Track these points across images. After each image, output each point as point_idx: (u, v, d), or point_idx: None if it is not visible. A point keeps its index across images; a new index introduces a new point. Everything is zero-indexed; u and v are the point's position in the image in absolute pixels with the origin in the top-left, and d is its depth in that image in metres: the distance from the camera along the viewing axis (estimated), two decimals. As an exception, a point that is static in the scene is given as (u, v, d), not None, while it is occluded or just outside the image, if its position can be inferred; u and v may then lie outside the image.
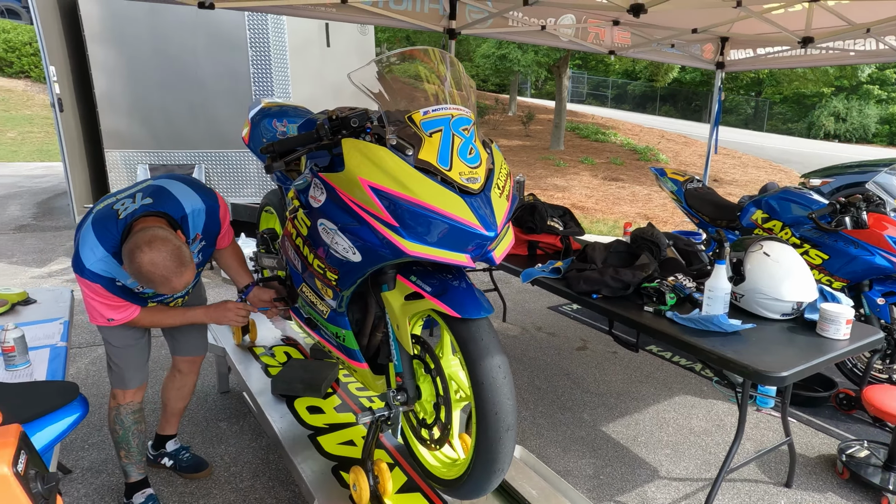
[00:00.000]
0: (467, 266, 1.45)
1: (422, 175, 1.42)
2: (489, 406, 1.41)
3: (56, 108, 4.74)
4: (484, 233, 1.40)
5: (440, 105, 1.50)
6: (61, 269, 5.06)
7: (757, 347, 2.01)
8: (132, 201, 1.82)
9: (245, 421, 2.85)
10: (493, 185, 1.51)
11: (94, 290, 1.80)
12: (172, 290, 1.70)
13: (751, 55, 4.91)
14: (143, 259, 1.62)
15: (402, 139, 1.46)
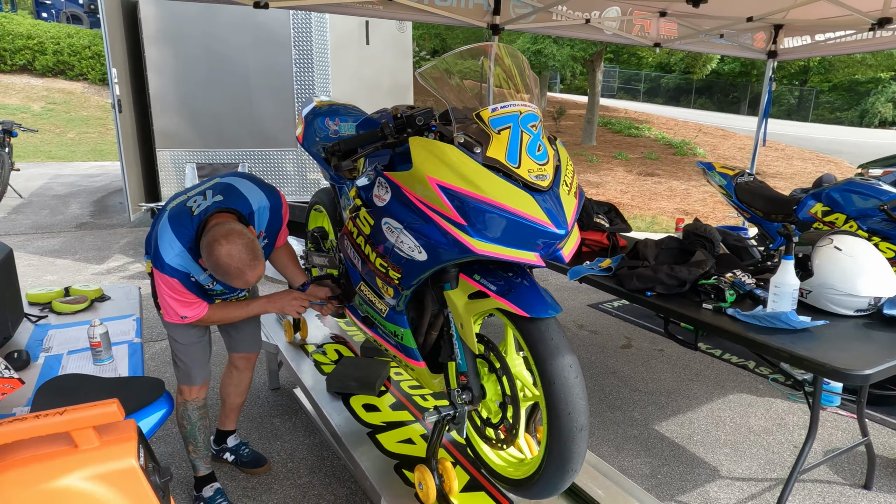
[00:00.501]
0: (537, 265, 1.44)
1: (491, 173, 1.41)
2: (562, 406, 1.40)
3: (116, 109, 4.90)
4: (555, 231, 1.39)
5: (508, 101, 1.48)
6: (118, 266, 5.25)
7: (831, 345, 1.93)
8: (203, 198, 1.88)
9: (297, 417, 2.90)
10: (561, 182, 1.49)
11: (171, 285, 1.86)
12: (245, 282, 1.75)
13: (808, 42, 4.70)
14: (220, 251, 1.68)
15: (470, 137, 1.46)
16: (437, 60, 1.54)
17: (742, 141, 14.60)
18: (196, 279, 1.90)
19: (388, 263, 1.66)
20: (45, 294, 2.32)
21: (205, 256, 1.73)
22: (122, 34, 5.14)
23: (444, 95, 1.52)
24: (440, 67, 1.53)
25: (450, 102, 1.51)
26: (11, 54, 13.79)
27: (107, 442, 0.87)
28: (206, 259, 1.73)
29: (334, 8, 3.40)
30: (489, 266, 1.59)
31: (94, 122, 13.18)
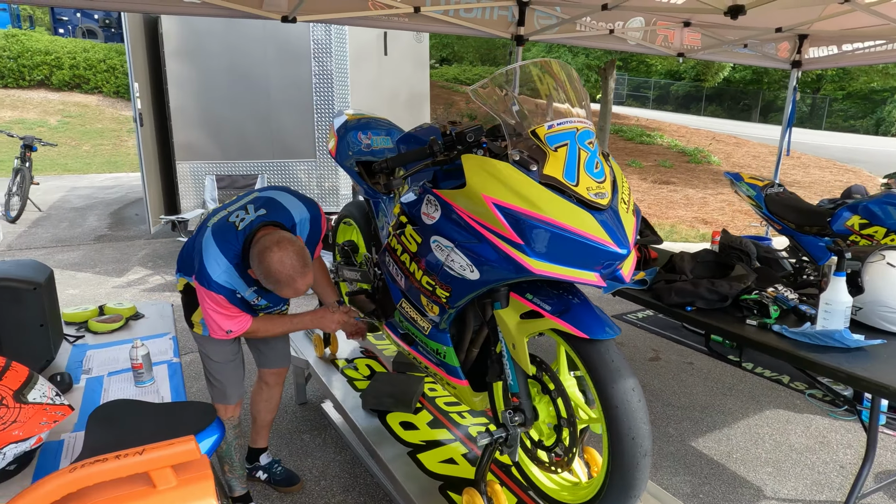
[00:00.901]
0: (597, 285, 1.40)
1: (549, 191, 1.38)
2: (625, 430, 1.36)
3: (137, 122, 4.94)
4: (617, 250, 1.35)
5: (564, 118, 1.45)
6: (137, 279, 5.26)
7: (889, 364, 1.87)
8: (246, 213, 1.89)
9: (326, 433, 2.86)
10: (619, 199, 1.46)
11: (217, 301, 1.84)
12: (296, 291, 1.76)
13: (834, 52, 4.65)
14: (272, 258, 1.70)
15: (525, 154, 1.43)
16: (489, 77, 1.51)
17: (756, 149, 14.49)
18: (242, 295, 1.89)
19: (435, 282, 1.63)
20: (81, 313, 2.31)
21: (255, 266, 1.75)
22: (143, 49, 5.19)
23: (496, 112, 1.50)
24: (493, 83, 1.51)
25: (502, 119, 1.49)
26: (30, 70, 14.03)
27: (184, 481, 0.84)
28: (257, 268, 1.74)
29: (362, 21, 3.40)
30: (539, 284, 1.55)
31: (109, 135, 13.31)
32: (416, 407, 2.34)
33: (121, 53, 14.88)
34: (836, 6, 3.35)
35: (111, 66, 14.69)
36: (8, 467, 1.28)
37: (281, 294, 1.79)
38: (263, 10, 3.06)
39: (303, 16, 3.17)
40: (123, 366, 1.94)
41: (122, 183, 10.20)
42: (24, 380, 1.35)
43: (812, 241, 3.38)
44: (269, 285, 1.76)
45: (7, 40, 13.90)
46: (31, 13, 18.45)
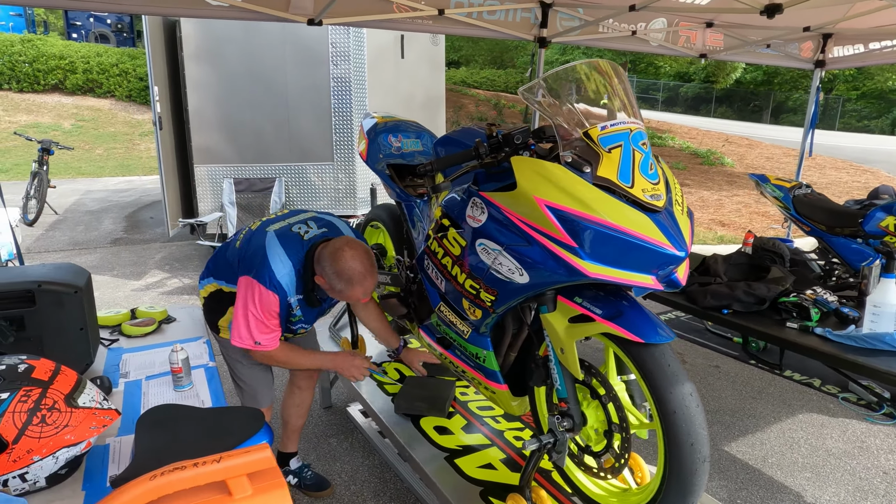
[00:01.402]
0: (654, 288, 1.38)
1: (604, 193, 1.35)
2: (684, 436, 1.33)
3: (157, 126, 4.96)
4: (675, 253, 1.33)
5: (617, 119, 1.43)
6: (155, 282, 5.27)
7: None
8: (308, 227, 1.96)
9: (353, 437, 2.85)
10: (673, 201, 1.43)
11: (267, 302, 1.83)
12: (365, 290, 1.84)
13: (861, 51, 4.58)
14: (346, 255, 1.79)
15: (577, 155, 1.41)
16: (539, 78, 1.49)
17: (769, 150, 14.38)
18: (289, 300, 1.90)
19: (480, 285, 1.61)
20: (114, 317, 2.30)
21: (326, 266, 1.81)
22: (163, 53, 5.21)
23: (546, 113, 1.48)
24: (542, 85, 1.49)
25: (553, 120, 1.46)
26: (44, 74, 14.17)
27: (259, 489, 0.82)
28: (329, 268, 1.80)
29: (386, 23, 3.40)
30: (586, 287, 1.53)
31: (121, 138, 13.42)
32: (450, 411, 2.32)
33: (133, 57, 15.01)
34: (867, 3, 3.31)
35: (123, 70, 14.82)
36: (60, 471, 1.28)
37: (351, 293, 1.83)
38: (290, 13, 3.06)
39: (328, 19, 3.17)
40: (160, 370, 1.93)
41: (136, 186, 10.26)
42: (73, 384, 1.34)
43: (844, 242, 3.33)
44: (340, 285, 1.81)
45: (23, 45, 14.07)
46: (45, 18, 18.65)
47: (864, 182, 10.85)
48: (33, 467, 1.21)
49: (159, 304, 4.72)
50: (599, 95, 1.50)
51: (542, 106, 1.48)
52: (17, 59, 13.88)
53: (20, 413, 1.20)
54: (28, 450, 1.19)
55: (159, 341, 2.17)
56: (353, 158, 5.34)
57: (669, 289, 1.45)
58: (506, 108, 16.61)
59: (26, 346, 1.67)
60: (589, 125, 1.42)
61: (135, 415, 1.61)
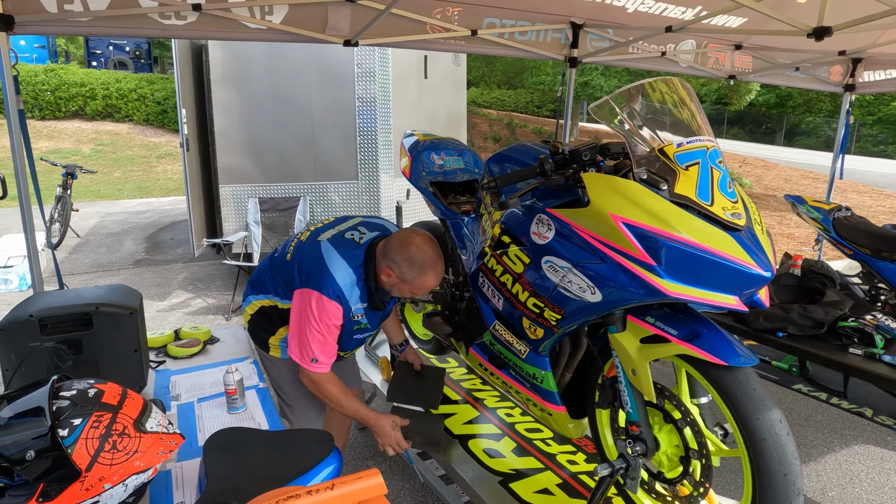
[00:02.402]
0: (738, 309, 1.33)
1: (684, 211, 1.32)
2: (775, 466, 1.26)
3: (184, 147, 5.01)
4: (761, 273, 1.28)
5: (693, 136, 1.40)
6: (180, 303, 5.26)
7: None
8: (361, 233, 1.92)
9: (392, 459, 2.78)
10: (752, 220, 1.39)
11: (327, 314, 1.76)
12: (437, 275, 1.82)
13: (891, 76, 4.56)
14: (416, 241, 1.79)
15: (653, 172, 1.38)
16: (609, 95, 1.48)
17: (786, 172, 14.29)
18: (351, 309, 1.84)
19: (545, 303, 1.57)
20: (159, 338, 2.27)
21: (397, 254, 1.79)
22: (191, 76, 5.29)
23: (619, 129, 1.45)
24: (613, 102, 1.47)
25: (627, 136, 1.44)
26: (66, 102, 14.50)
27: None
28: (400, 254, 1.78)
29: (420, 44, 3.42)
30: (657, 307, 1.48)
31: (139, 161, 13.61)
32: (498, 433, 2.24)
33: (151, 82, 15.31)
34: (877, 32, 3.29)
35: (141, 96, 15.12)
36: (128, 499, 1.23)
37: (423, 280, 1.80)
38: (327, 34, 3.08)
39: (364, 40, 3.20)
40: (211, 391, 1.89)
41: (154, 208, 10.35)
42: (140, 408, 1.31)
43: (892, 267, 3.25)
44: (412, 273, 1.78)
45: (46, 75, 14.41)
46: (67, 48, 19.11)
47: (888, 206, 10.70)
48: (104, 496, 1.17)
49: (185, 323, 4.70)
50: (671, 112, 1.48)
51: (614, 122, 1.46)
52: (41, 88, 14.21)
53: (92, 440, 1.16)
54: (100, 477, 1.15)
55: (205, 362, 2.14)
56: (377, 177, 5.36)
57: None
58: (518, 127, 16.71)
59: (83, 369, 1.65)
60: (663, 142, 1.40)
61: (192, 438, 1.58)
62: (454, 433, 2.24)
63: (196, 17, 2.53)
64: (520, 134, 16.07)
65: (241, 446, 1.30)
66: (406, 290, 1.84)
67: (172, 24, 2.48)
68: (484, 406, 2.47)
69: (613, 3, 3.41)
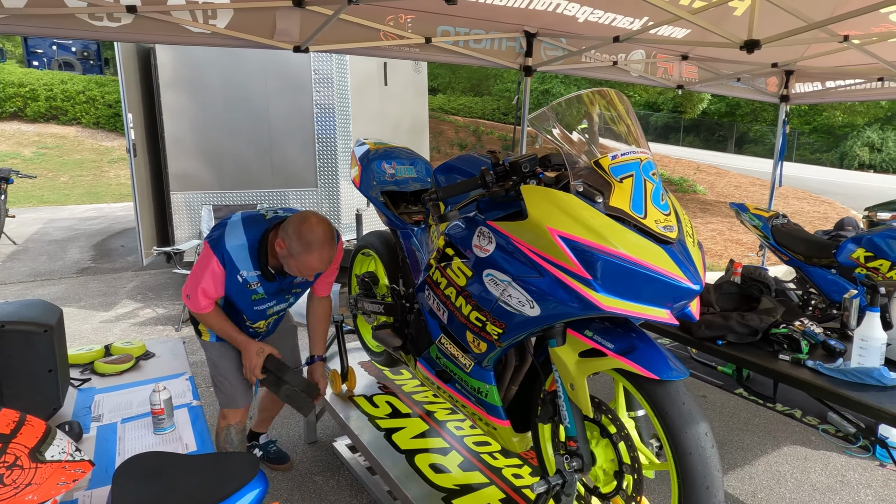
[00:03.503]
0: (669, 322, 1.34)
1: (618, 224, 1.32)
2: (699, 479, 1.28)
3: (131, 153, 4.82)
4: (691, 287, 1.30)
5: (628, 149, 1.41)
6: (127, 312, 5.04)
7: None
8: (274, 213, 2.07)
9: (340, 475, 2.72)
10: (685, 233, 1.41)
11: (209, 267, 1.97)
12: (321, 258, 1.92)
13: (819, 88, 4.83)
14: (311, 220, 1.91)
15: (589, 185, 1.38)
16: (547, 106, 1.47)
17: (737, 179, 14.87)
18: (244, 276, 2.01)
19: (487, 317, 1.55)
20: (85, 354, 2.14)
21: (291, 226, 1.91)
22: (136, 79, 5.10)
23: (555, 141, 1.45)
24: (550, 113, 1.47)
25: (563, 149, 1.44)
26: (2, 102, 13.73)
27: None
28: (293, 227, 1.90)
29: (373, 51, 3.38)
30: (596, 320, 1.49)
31: (89, 166, 13.04)
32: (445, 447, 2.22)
33: (101, 84, 14.70)
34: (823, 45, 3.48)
35: (91, 98, 14.49)
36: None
37: (307, 259, 1.90)
38: (275, 40, 3.00)
39: (315, 46, 3.13)
40: (138, 410, 1.79)
41: (105, 214, 9.93)
42: (40, 435, 1.22)
43: (821, 273, 3.40)
44: (297, 247, 1.89)
45: (-23, 74, 13.66)
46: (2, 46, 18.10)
47: (822, 212, 11.26)
48: (-7, 533, 1.08)
49: (132, 335, 4.50)
50: (607, 124, 1.49)
51: (551, 134, 1.46)
52: (-30, 87, 13.44)
53: (-27, 474, 1.07)
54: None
55: (137, 379, 2.03)
56: (337, 184, 5.29)
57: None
58: (484, 134, 16.83)
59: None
60: (598, 154, 1.41)
61: (109, 463, 1.48)
62: (401, 448, 2.20)
63: (131, 19, 2.41)
64: (486, 141, 16.18)
65: (157, 472, 1.22)
66: (293, 265, 1.96)
67: (105, 25, 2.34)
68: (434, 419, 2.44)
69: (565, 13, 3.46)
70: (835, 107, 17.47)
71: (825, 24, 2.41)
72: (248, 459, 1.25)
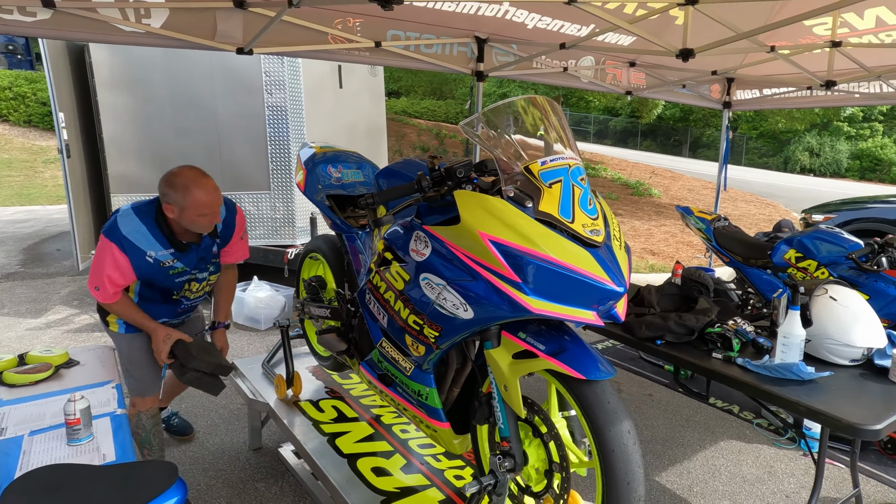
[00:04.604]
0: (595, 323, 1.38)
1: (547, 228, 1.36)
2: (621, 476, 1.32)
3: (63, 154, 4.61)
4: (615, 288, 1.34)
5: (557, 154, 1.45)
6: (59, 319, 4.81)
7: (838, 397, 1.94)
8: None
9: (284, 480, 2.67)
10: (612, 236, 1.46)
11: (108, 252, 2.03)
12: (205, 192, 2.00)
13: (756, 95, 5.07)
14: (174, 170, 2.02)
15: (520, 190, 1.41)
16: (478, 112, 1.50)
17: (690, 182, 15.39)
18: (154, 255, 2.07)
19: (423, 321, 1.57)
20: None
21: (164, 187, 2.01)
22: (68, 78, 4.87)
23: (487, 147, 1.48)
24: (482, 119, 1.49)
25: (494, 154, 1.47)
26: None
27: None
28: (167, 186, 2.00)
29: (321, 54, 3.35)
30: (530, 322, 1.52)
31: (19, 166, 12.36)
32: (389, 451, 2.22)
33: (32, 81, 13.96)
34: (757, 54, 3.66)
35: (20, 94, 13.71)
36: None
37: (195, 199, 1.98)
38: (217, 41, 2.93)
39: (259, 48, 3.08)
40: (52, 422, 1.68)
41: (39, 216, 9.43)
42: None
43: (757, 273, 3.56)
44: (179, 196, 1.98)
45: None
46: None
47: (767, 215, 11.79)
48: None
49: (65, 343, 4.29)
50: (538, 130, 1.52)
51: (483, 140, 1.48)
52: None
53: None
54: None
55: (54, 389, 1.92)
56: (291, 187, 5.20)
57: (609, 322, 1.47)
58: (447, 137, 16.89)
59: None
60: (529, 160, 1.44)
61: (7, 478, 1.37)
62: (344, 452, 2.19)
63: (49, 14, 2.27)
64: (448, 144, 16.24)
65: (60, 486, 1.17)
66: (190, 216, 2.02)
67: (16, 19, 2.19)
68: (381, 423, 2.44)
69: (514, 20, 3.51)
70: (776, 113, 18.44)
71: (753, 34, 2.53)
72: (164, 467, 1.22)
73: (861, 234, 3.63)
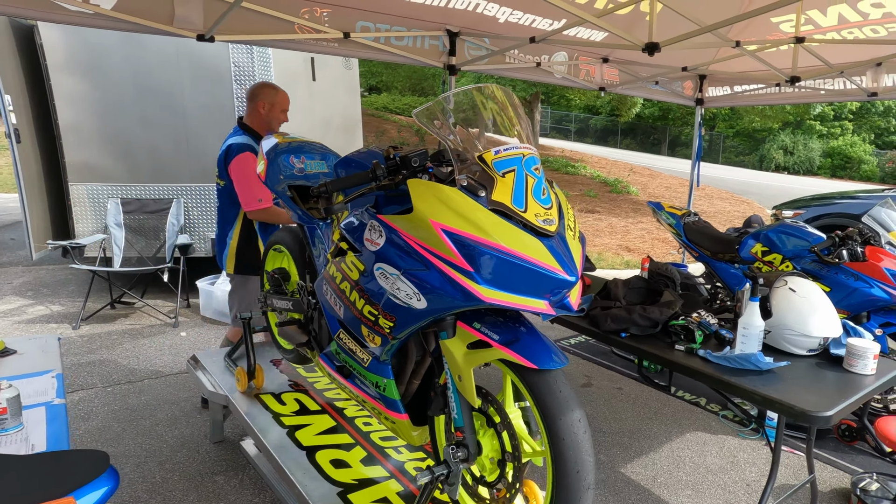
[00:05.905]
0: (546, 313, 1.38)
1: (499, 217, 1.35)
2: (571, 464, 1.32)
3: (12, 138, 4.43)
4: (566, 278, 1.34)
5: (510, 144, 1.44)
6: (12, 310, 4.66)
7: (794, 385, 1.97)
8: None
9: (244, 473, 2.64)
10: (566, 226, 1.46)
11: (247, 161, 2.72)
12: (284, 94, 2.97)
13: (728, 92, 5.14)
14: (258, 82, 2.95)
15: (473, 180, 1.40)
16: (433, 101, 1.48)
17: (668, 180, 15.57)
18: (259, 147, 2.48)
19: (378, 311, 1.55)
20: None
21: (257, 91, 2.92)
22: (15, 59, 4.68)
23: (441, 136, 1.46)
24: (436, 108, 1.47)
25: (448, 143, 1.45)
26: None
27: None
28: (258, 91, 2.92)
29: (288, 44, 3.30)
30: (486, 312, 1.51)
31: (-30, 152, 11.96)
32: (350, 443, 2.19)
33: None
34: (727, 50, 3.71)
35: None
36: None
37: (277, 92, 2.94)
38: (175, 26, 2.85)
39: (221, 35, 3.00)
40: (-26, 412, 1.64)
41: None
42: None
43: (725, 267, 3.61)
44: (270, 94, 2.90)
45: None
46: None
47: (741, 211, 12.00)
48: None
49: (15, 333, 4.17)
50: (493, 120, 1.51)
51: (437, 129, 1.47)
52: None
53: None
54: None
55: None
56: (261, 179, 5.11)
57: (562, 313, 1.46)
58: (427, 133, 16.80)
59: None
60: (483, 149, 1.43)
61: None
62: (303, 445, 2.16)
63: None
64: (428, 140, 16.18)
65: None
66: (276, 112, 2.94)
67: None
68: (343, 416, 2.41)
69: (485, 13, 3.50)
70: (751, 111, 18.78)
71: (717, 27, 2.55)
72: (94, 456, 1.18)
73: (829, 228, 3.72)
